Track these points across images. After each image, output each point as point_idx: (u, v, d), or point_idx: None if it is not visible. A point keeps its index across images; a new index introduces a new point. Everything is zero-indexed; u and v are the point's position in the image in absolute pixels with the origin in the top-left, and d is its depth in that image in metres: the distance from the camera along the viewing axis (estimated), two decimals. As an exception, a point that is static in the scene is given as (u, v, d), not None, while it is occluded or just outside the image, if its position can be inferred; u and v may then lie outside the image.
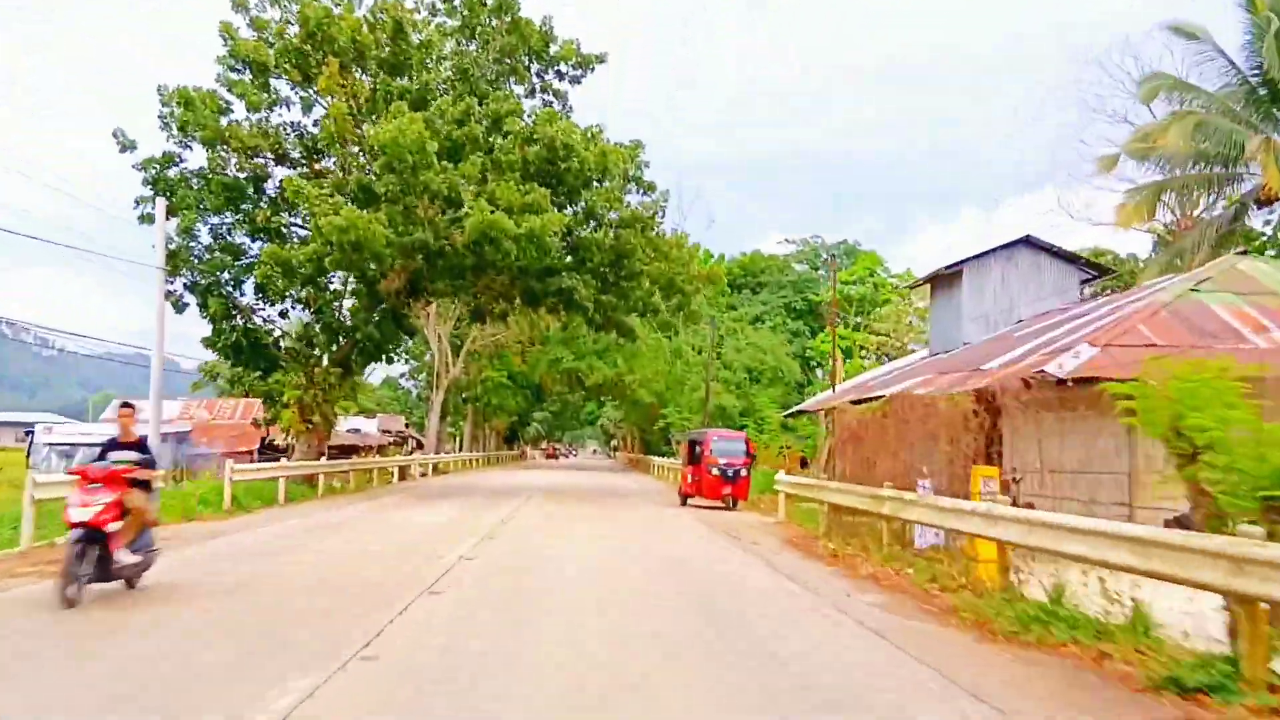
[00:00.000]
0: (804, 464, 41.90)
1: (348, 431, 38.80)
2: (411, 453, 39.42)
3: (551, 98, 27.97)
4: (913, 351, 58.71)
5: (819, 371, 62.05)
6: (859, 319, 68.27)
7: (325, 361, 26.77)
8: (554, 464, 70.17)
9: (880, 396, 17.42)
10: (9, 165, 53.55)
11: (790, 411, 36.34)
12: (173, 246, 25.99)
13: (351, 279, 26.60)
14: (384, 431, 39.14)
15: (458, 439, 67.42)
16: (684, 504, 24.13)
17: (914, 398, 15.40)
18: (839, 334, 63.09)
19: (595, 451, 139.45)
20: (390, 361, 27.68)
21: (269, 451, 33.89)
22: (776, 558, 12.97)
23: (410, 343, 47.24)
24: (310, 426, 26.03)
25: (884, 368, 34.20)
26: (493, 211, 22.52)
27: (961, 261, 28.17)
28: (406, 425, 55.94)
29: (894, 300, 66.37)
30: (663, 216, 28.43)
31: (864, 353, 67.57)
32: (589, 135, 25.31)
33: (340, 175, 25.12)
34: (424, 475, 39.99)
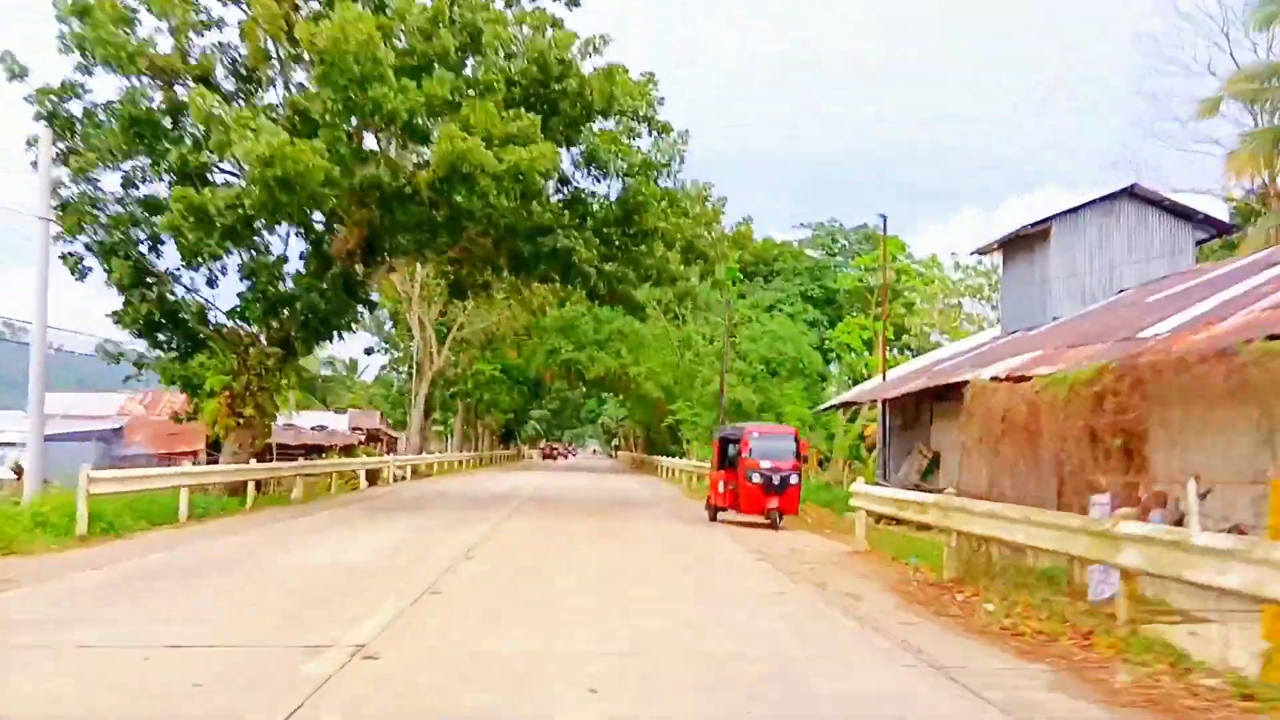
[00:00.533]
0: (821, 464, 36.55)
1: (312, 429, 33.39)
2: (387, 453, 33.90)
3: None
4: (937, 345, 53.54)
5: (832, 365, 56.55)
6: (879, 309, 62.79)
7: (263, 340, 21.28)
8: (551, 465, 64.16)
9: (1023, 377, 11.93)
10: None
11: (828, 405, 30.88)
12: (71, 196, 20.57)
13: (296, 236, 21.17)
14: (355, 429, 33.69)
15: (448, 438, 61.93)
16: (714, 519, 18.64)
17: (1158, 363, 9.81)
18: (859, 324, 57.76)
19: (595, 451, 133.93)
20: (341, 338, 22.08)
21: (217, 452, 28.56)
22: (916, 634, 7.47)
23: (367, 316, 41.86)
24: (242, 421, 20.55)
25: (943, 351, 28.74)
26: (466, 139, 17.04)
27: (1047, 219, 22.71)
28: (390, 424, 50.39)
29: (931, 282, 61.01)
30: (681, 164, 22.99)
31: (889, 345, 62.19)
32: (590, 47, 19.77)
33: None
34: (401, 479, 34.61)
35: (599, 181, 22.49)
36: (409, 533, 15.17)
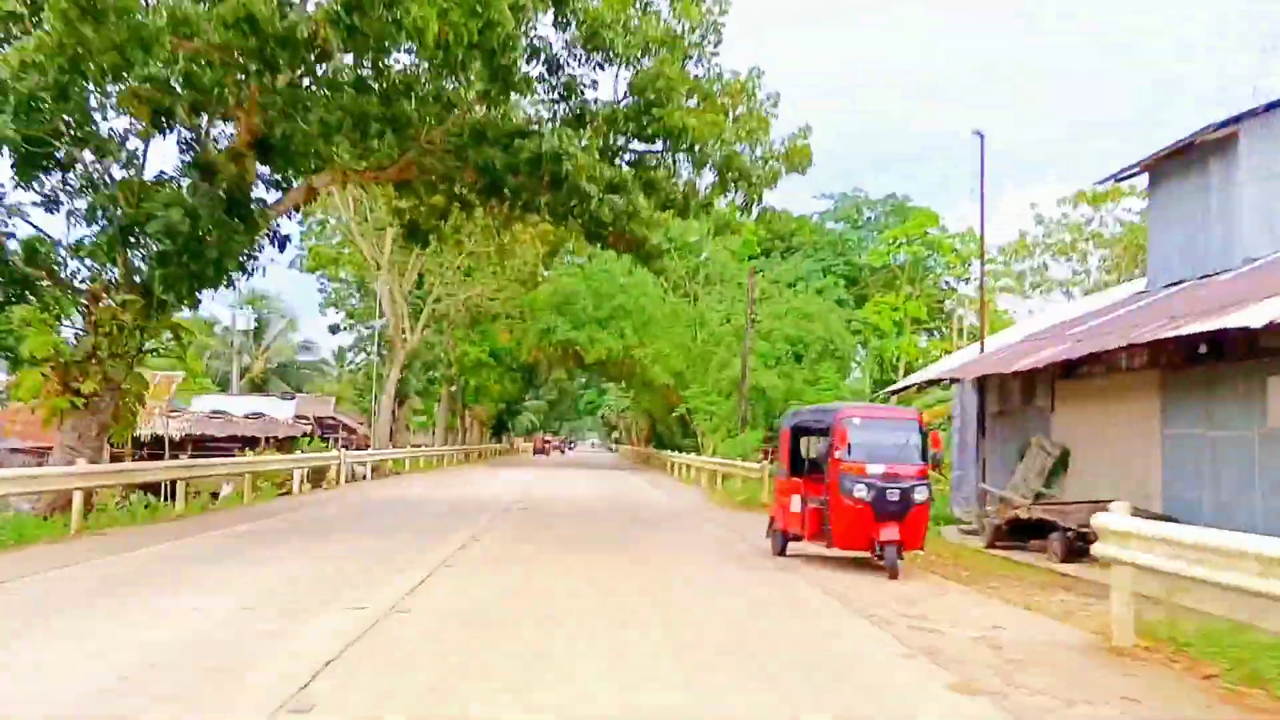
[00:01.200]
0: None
1: (245, 418, 26.66)
2: (350, 447, 27.19)
3: None
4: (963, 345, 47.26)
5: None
6: (911, 288, 56.08)
7: (116, 285, 14.51)
8: (544, 460, 56.75)
9: None
10: None
11: (901, 386, 24.32)
12: None
13: (161, 130, 14.36)
14: (301, 418, 27.00)
15: (433, 431, 55.28)
16: (781, 551, 11.80)
17: None
18: (889, 304, 51.14)
19: (595, 444, 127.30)
20: (230, 284, 15.32)
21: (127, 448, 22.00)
22: None
23: (284, 262, 35.30)
24: (81, 402, 13.83)
25: (1064, 311, 21.93)
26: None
27: (1233, 120, 15.98)
28: (361, 414, 43.53)
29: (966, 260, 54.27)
30: (717, 45, 16.23)
31: (917, 327, 55.51)
32: None
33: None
34: (363, 478, 27.98)
35: (601, 69, 15.77)
36: (271, 591, 8.42)
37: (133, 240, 14.07)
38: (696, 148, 15.88)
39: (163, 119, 13.86)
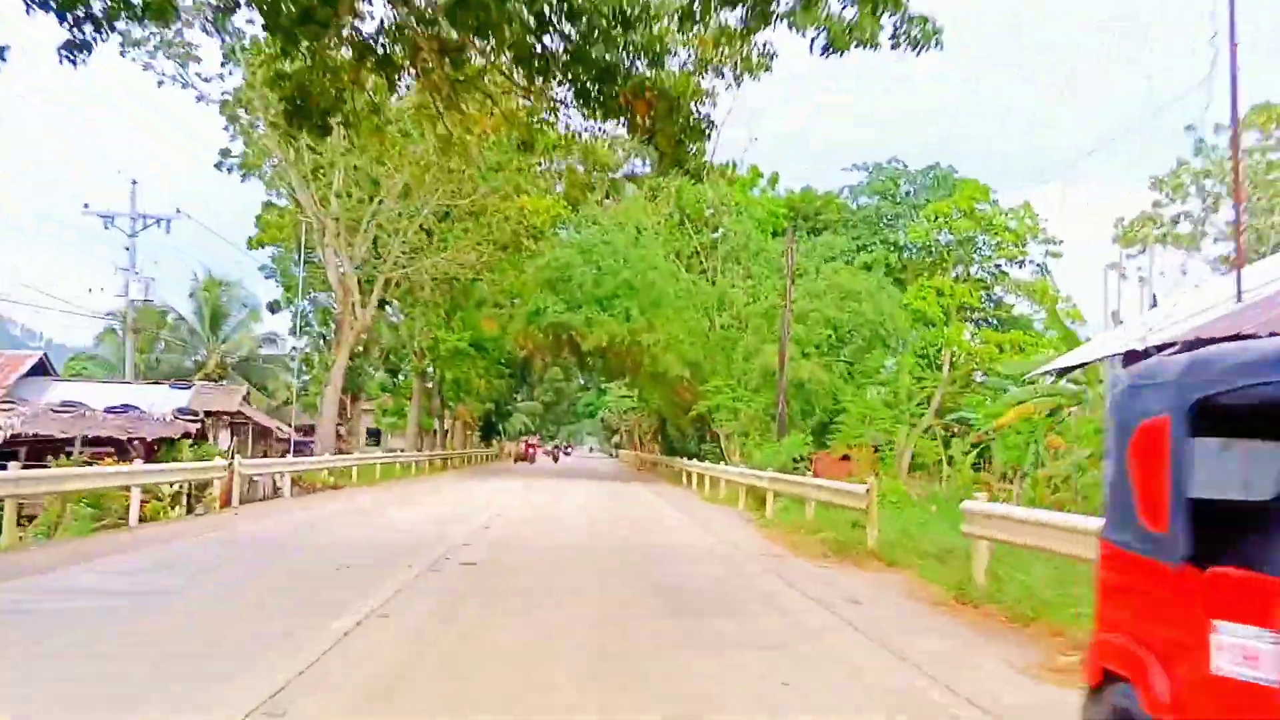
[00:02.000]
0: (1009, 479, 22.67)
1: (106, 412, 18.85)
2: (235, 453, 19.37)
3: None
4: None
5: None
6: (960, 268, 48.35)
7: None
8: (532, 469, 47.09)
9: None
10: None
11: (1072, 365, 16.64)
12: None
13: None
14: (188, 414, 19.18)
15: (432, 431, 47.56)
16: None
17: None
18: (934, 288, 43.46)
19: (593, 449, 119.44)
20: None
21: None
22: None
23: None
24: None
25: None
26: None
27: None
28: (294, 412, 35.54)
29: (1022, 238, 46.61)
30: None
31: (968, 313, 47.71)
32: None
33: None
34: (275, 495, 20.30)
35: None
36: None
37: None
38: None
39: None
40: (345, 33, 11.25)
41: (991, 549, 8.21)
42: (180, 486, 16.22)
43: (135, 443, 18.06)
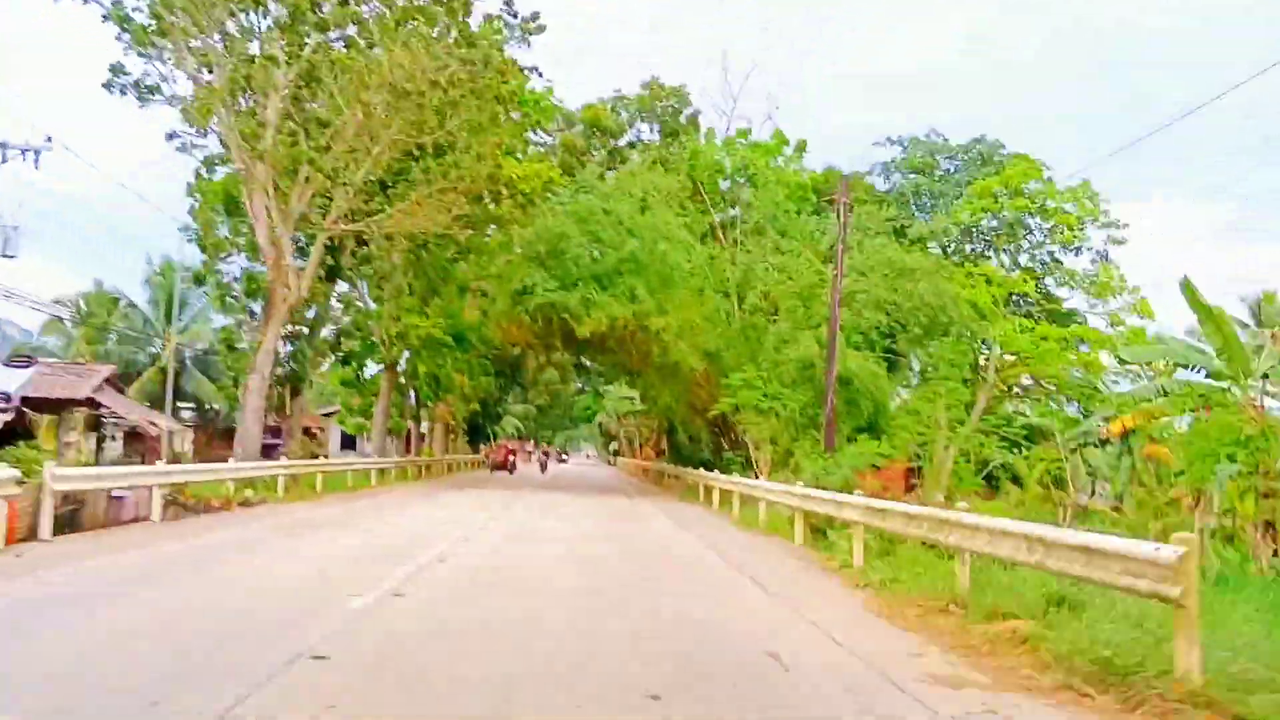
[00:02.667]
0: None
1: None
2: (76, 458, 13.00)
3: None
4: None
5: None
6: (1006, 255, 42.00)
7: None
8: (514, 480, 39.01)
9: None
10: None
11: None
12: None
13: None
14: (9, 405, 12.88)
15: (406, 434, 41.03)
16: None
17: None
18: (984, 274, 37.37)
19: (590, 456, 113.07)
20: None
21: None
22: None
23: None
24: None
25: None
26: None
27: None
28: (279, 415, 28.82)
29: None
30: None
31: (1015, 306, 41.30)
32: None
33: None
34: (129, 520, 14.01)
35: None
36: None
37: None
38: None
39: None
40: None
41: None
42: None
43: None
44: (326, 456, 50.63)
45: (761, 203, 31.57)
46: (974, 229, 41.34)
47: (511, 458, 42.90)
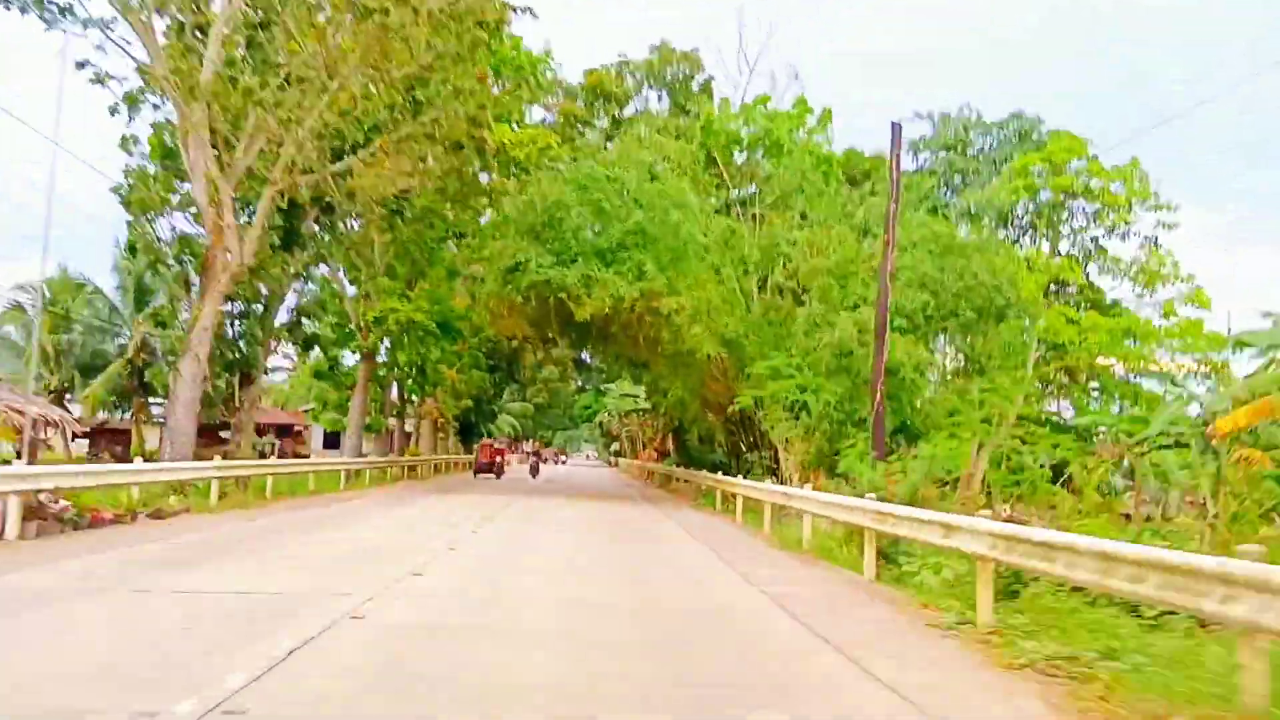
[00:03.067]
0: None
1: None
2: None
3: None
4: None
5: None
6: (1063, 244, 38.11)
7: None
8: (500, 484, 33.08)
9: None
10: None
11: None
12: None
13: None
14: None
15: (390, 432, 37.07)
16: None
17: None
18: (1027, 258, 33.63)
19: (590, 457, 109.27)
20: None
21: None
22: None
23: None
24: None
25: None
26: None
27: None
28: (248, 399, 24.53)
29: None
30: None
31: (1056, 295, 37.43)
32: None
33: None
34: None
35: None
36: None
37: None
38: None
39: None
40: None
41: None
42: None
43: None
44: (308, 456, 46.83)
45: (789, 168, 27.66)
46: (1010, 212, 37.49)
47: (499, 459, 37.17)
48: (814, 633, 7.33)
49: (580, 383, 76.88)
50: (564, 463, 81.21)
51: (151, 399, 41.87)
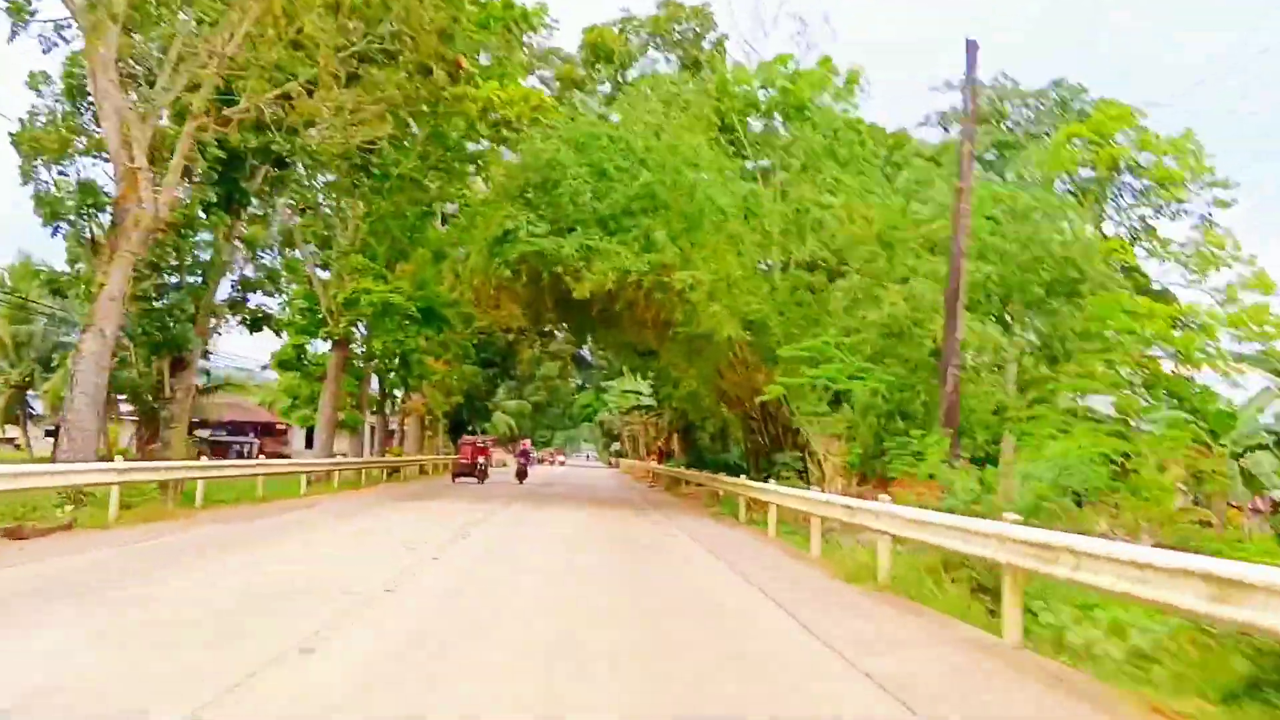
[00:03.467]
0: None
1: None
2: None
3: None
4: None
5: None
6: (1107, 225, 34.38)
7: None
8: (484, 489, 27.93)
9: None
10: None
11: None
12: None
13: None
14: None
15: (373, 436, 33.41)
16: None
17: None
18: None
19: (590, 457, 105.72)
20: None
21: None
22: None
23: None
24: None
25: None
26: None
27: None
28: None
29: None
30: None
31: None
32: None
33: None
34: None
35: None
36: None
37: None
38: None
39: None
40: None
41: None
42: None
43: None
44: (289, 456, 43.07)
45: (817, 127, 23.95)
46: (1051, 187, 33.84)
47: (481, 460, 31.99)
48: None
49: (580, 381, 73.52)
50: (562, 463, 77.63)
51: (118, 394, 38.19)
